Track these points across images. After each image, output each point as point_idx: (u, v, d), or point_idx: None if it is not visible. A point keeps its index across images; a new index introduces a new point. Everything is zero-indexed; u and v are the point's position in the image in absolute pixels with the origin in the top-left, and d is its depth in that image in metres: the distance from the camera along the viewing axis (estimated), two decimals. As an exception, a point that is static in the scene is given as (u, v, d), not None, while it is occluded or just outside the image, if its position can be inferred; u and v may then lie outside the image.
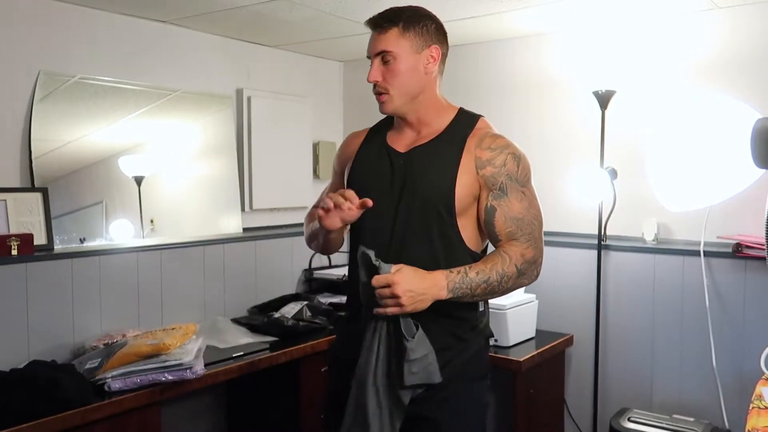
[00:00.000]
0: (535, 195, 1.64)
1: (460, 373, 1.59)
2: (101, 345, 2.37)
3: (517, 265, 1.56)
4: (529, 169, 1.64)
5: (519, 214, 1.58)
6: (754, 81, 2.53)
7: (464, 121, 1.67)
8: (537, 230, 1.60)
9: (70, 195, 2.53)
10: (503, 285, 1.55)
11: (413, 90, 1.61)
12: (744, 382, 2.52)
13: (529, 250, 1.58)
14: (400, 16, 1.60)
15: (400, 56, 1.58)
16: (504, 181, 1.59)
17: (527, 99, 3.11)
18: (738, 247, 2.50)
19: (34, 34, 2.39)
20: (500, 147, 1.61)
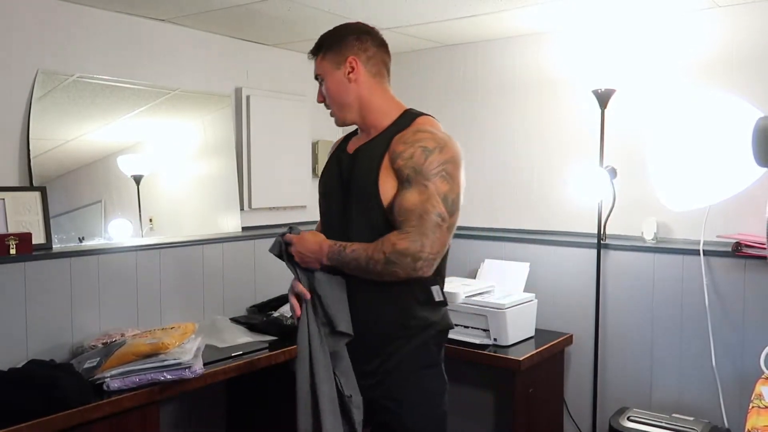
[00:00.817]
0: (443, 192, 1.64)
1: (406, 362, 1.71)
2: (100, 344, 2.37)
3: (385, 252, 1.62)
4: (442, 164, 1.64)
5: (412, 206, 1.63)
6: (754, 79, 2.53)
7: (403, 121, 1.76)
8: (428, 224, 1.62)
9: (69, 194, 2.52)
10: (371, 267, 1.64)
11: (347, 100, 1.78)
12: (744, 381, 2.52)
13: (403, 242, 1.61)
14: (323, 42, 1.82)
15: (325, 77, 1.80)
16: (409, 173, 1.65)
17: (527, 98, 3.10)
18: (738, 246, 2.50)
19: (32, 33, 2.39)
20: (414, 141, 1.67)
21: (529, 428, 2.69)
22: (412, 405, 1.72)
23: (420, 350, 1.73)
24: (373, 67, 1.79)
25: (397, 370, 1.72)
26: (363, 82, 1.77)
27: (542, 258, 3.05)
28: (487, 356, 2.66)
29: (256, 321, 2.86)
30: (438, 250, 1.64)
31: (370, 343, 1.72)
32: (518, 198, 3.15)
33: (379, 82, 1.80)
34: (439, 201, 1.63)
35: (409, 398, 1.72)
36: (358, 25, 1.84)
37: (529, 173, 3.12)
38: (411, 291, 1.71)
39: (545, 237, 3.05)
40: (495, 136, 3.21)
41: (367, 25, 1.85)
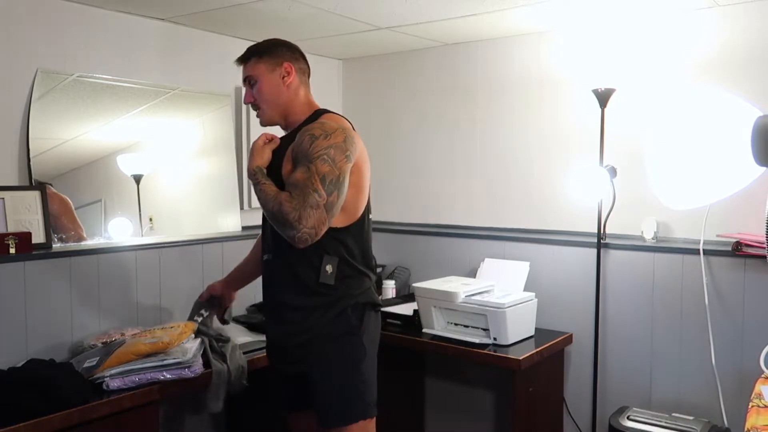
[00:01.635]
0: (323, 173, 1.82)
1: (323, 332, 1.94)
2: (99, 344, 2.37)
3: (276, 202, 1.82)
4: (326, 148, 1.84)
5: (296, 181, 1.83)
6: (754, 79, 2.52)
7: (312, 117, 2.01)
8: (307, 199, 1.79)
9: (69, 193, 2.52)
10: (268, 207, 1.84)
11: (278, 101, 2.01)
12: (743, 380, 2.52)
13: (288, 204, 1.79)
14: (255, 49, 2.03)
15: (260, 78, 2.00)
16: (297, 155, 1.87)
17: (527, 97, 3.10)
18: (738, 245, 2.50)
19: (31, 32, 2.39)
20: (305, 130, 1.90)
21: (528, 427, 2.69)
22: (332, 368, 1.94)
23: (335, 319, 1.94)
24: (302, 75, 2.05)
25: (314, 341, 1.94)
26: (293, 87, 2.01)
27: (542, 257, 3.05)
28: (487, 355, 2.66)
29: (256, 320, 2.86)
30: (313, 225, 1.80)
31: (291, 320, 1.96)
32: (518, 197, 3.15)
33: (304, 88, 2.06)
34: (317, 180, 1.81)
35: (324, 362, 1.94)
36: (284, 41, 2.09)
37: (529, 172, 3.12)
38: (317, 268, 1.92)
39: (545, 236, 3.05)
40: (495, 135, 3.21)
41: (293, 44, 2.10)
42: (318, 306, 1.94)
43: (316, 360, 1.95)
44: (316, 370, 1.95)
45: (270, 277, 2.04)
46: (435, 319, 2.87)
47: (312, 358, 1.95)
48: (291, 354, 1.99)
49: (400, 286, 3.44)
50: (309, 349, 1.95)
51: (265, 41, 2.08)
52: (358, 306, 1.98)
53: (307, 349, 1.95)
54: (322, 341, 1.94)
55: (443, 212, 3.40)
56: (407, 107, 3.51)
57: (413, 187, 3.51)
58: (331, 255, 1.93)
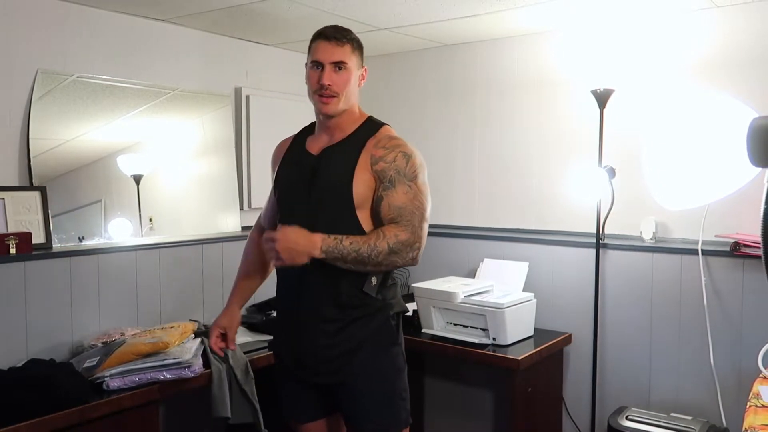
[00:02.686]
0: (423, 191, 1.82)
1: (367, 342, 1.84)
2: (100, 343, 2.37)
3: (389, 243, 1.74)
4: (418, 167, 1.82)
5: (402, 204, 1.78)
6: (751, 80, 2.53)
7: (369, 127, 1.90)
8: (417, 219, 1.78)
9: (69, 194, 2.52)
10: (373, 258, 1.74)
11: (352, 98, 1.89)
12: (741, 380, 2.53)
13: (404, 233, 1.76)
14: (351, 35, 1.88)
15: (351, 68, 1.86)
16: (393, 174, 1.80)
17: (526, 98, 3.11)
18: (736, 245, 2.50)
19: (32, 33, 2.39)
20: (393, 146, 1.83)
21: (527, 427, 2.70)
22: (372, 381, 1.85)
23: (379, 330, 1.86)
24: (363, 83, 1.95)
25: (359, 351, 1.83)
26: (358, 91, 1.92)
27: (541, 257, 3.06)
28: (486, 356, 2.67)
29: (256, 320, 2.87)
30: (424, 241, 1.80)
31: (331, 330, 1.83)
32: (517, 197, 3.16)
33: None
34: (423, 200, 1.81)
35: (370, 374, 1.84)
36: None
37: (528, 173, 3.12)
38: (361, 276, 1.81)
39: (544, 236, 3.06)
40: (494, 135, 3.22)
41: None
42: (360, 317, 1.83)
43: (363, 371, 1.84)
44: (363, 381, 1.85)
45: (300, 289, 1.87)
46: (434, 319, 2.87)
47: (358, 369, 1.83)
48: (330, 364, 1.84)
49: (400, 286, 3.43)
50: (354, 360, 1.83)
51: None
52: (396, 316, 1.92)
53: (352, 359, 1.83)
54: (369, 352, 1.84)
55: (443, 212, 3.40)
56: (407, 108, 3.51)
57: (413, 187, 3.51)
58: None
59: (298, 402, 1.98)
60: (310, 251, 1.73)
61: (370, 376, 1.85)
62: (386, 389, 1.87)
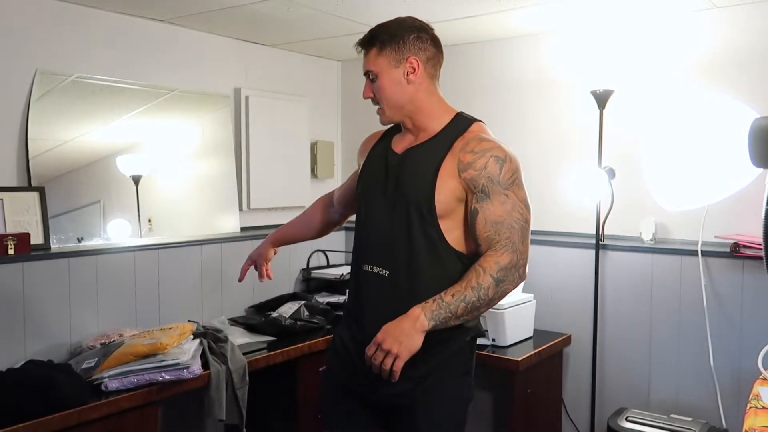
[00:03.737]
0: (523, 198, 1.67)
1: (440, 368, 1.66)
2: (98, 345, 2.37)
3: (492, 275, 1.59)
4: (514, 172, 1.66)
5: (499, 218, 1.61)
6: (751, 80, 2.53)
7: (458, 125, 1.72)
8: (517, 234, 1.62)
9: (68, 194, 2.52)
10: (484, 298, 1.58)
11: (400, 100, 1.70)
12: (741, 381, 2.52)
13: (504, 257, 1.60)
14: (377, 36, 1.71)
15: (381, 73, 1.69)
16: (485, 183, 1.62)
17: (525, 98, 3.10)
18: (736, 246, 2.50)
19: (31, 33, 2.39)
20: (483, 150, 1.64)
21: (527, 428, 2.69)
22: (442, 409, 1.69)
23: (454, 356, 1.69)
24: (431, 68, 1.72)
25: (430, 376, 1.65)
26: (420, 83, 1.70)
27: (541, 258, 3.05)
28: (486, 356, 2.66)
29: (255, 321, 2.86)
30: (528, 254, 1.66)
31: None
32: (517, 198, 3.15)
33: (434, 84, 1.74)
34: (523, 207, 1.65)
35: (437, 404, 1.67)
36: (414, 21, 1.75)
37: (528, 173, 3.04)
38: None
39: (544, 237, 3.05)
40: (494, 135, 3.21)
41: (423, 22, 1.75)
42: (437, 339, 1.60)
43: (428, 398, 1.66)
44: (425, 409, 1.66)
45: (379, 296, 1.68)
46: (434, 320, 2.87)
47: (422, 395, 1.65)
48: (394, 387, 1.61)
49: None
50: (420, 385, 1.65)
51: (390, 24, 1.74)
52: (471, 340, 1.74)
53: (418, 384, 1.64)
54: (437, 379, 1.66)
55: (442, 213, 3.40)
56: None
57: (412, 188, 3.51)
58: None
59: (348, 414, 1.79)
60: (420, 328, 1.54)
61: (434, 405, 1.67)
62: (448, 422, 1.70)
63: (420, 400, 1.66)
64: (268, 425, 2.81)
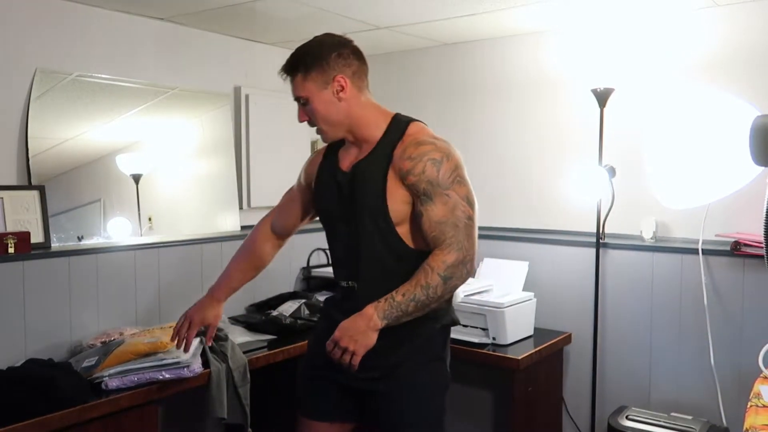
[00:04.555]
0: (464, 195, 1.71)
1: (412, 356, 1.77)
2: (98, 343, 2.37)
3: (440, 273, 1.67)
4: (453, 170, 1.71)
5: (443, 218, 1.68)
6: (753, 78, 2.53)
7: (395, 130, 1.77)
8: (462, 232, 1.69)
9: (68, 193, 2.52)
10: (433, 295, 1.67)
11: (337, 118, 1.76)
12: (742, 380, 2.52)
13: (450, 255, 1.68)
14: (301, 61, 1.77)
15: (312, 97, 1.75)
16: (426, 187, 1.69)
17: (526, 97, 3.10)
18: (736, 245, 2.50)
19: (30, 32, 2.38)
20: (420, 155, 1.70)
21: (527, 427, 2.69)
22: (417, 392, 1.78)
23: (424, 344, 1.79)
24: (358, 81, 1.78)
25: (402, 364, 1.77)
26: (351, 98, 1.76)
27: (541, 257, 3.05)
28: (486, 355, 2.66)
29: (255, 320, 2.86)
30: (476, 248, 1.72)
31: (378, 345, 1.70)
32: (517, 197, 3.15)
33: (365, 94, 1.80)
34: (465, 204, 1.71)
35: (409, 390, 1.77)
36: (333, 38, 1.80)
37: (528, 172, 3.12)
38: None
39: (544, 236, 3.05)
40: (494, 135, 3.21)
41: (342, 37, 1.81)
42: (409, 329, 1.73)
43: (401, 383, 1.77)
44: (399, 394, 1.77)
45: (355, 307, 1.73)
46: (434, 319, 2.86)
47: (396, 381, 1.77)
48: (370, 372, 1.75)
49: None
50: (393, 371, 1.76)
51: (310, 47, 1.79)
52: (444, 328, 1.85)
53: (392, 370, 1.76)
54: (410, 366, 1.77)
55: (442, 212, 3.40)
56: (406, 107, 3.45)
57: (412, 186, 3.51)
58: None
59: (325, 400, 1.89)
60: (374, 326, 1.66)
61: (408, 390, 1.77)
62: (423, 406, 1.78)
63: (393, 386, 1.77)
64: (269, 424, 2.81)
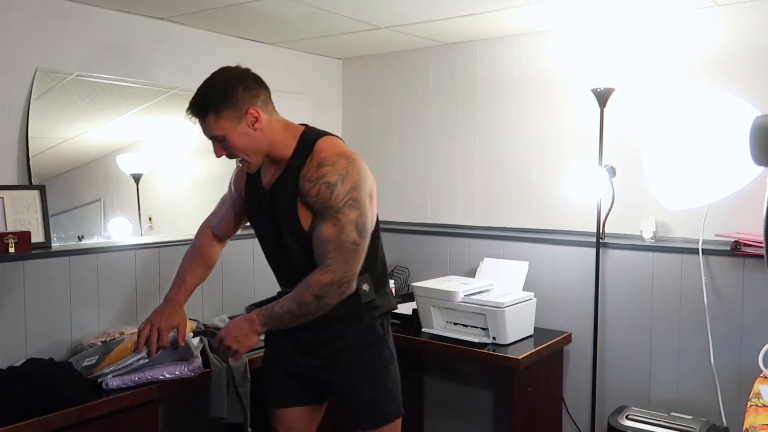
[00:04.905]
0: (354, 219, 1.79)
1: (353, 343, 1.96)
2: (99, 342, 2.37)
3: (313, 293, 1.79)
4: (347, 194, 1.78)
5: (328, 237, 1.79)
6: (753, 78, 2.53)
7: (303, 149, 1.88)
8: (343, 254, 1.78)
9: (68, 193, 2.52)
10: (306, 310, 1.82)
11: (257, 147, 1.86)
12: (742, 379, 2.52)
13: (326, 276, 1.78)
14: (209, 103, 1.80)
15: (228, 134, 1.82)
16: (320, 207, 1.80)
17: (526, 97, 3.10)
18: (736, 245, 2.50)
19: (31, 32, 2.38)
20: (317, 178, 1.79)
21: (527, 427, 2.69)
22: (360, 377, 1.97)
23: (365, 331, 1.97)
24: (267, 106, 1.87)
25: (346, 352, 1.96)
26: (265, 125, 1.84)
27: (541, 257, 3.05)
28: (486, 355, 2.66)
29: (255, 319, 2.86)
30: (356, 270, 1.82)
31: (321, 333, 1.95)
32: (517, 197, 3.16)
33: (274, 116, 1.90)
34: (352, 229, 1.78)
35: (357, 371, 1.97)
36: (234, 72, 1.87)
37: (528, 172, 3.12)
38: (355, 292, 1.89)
39: (544, 236, 3.05)
40: (494, 134, 3.21)
41: (240, 68, 1.89)
42: (348, 321, 1.95)
43: (350, 368, 1.98)
44: (350, 377, 1.98)
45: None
46: (434, 319, 2.87)
47: (345, 366, 1.98)
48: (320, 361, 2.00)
49: (400, 285, 3.44)
50: (341, 358, 1.97)
51: (214, 85, 1.84)
52: (382, 316, 2.01)
53: (340, 358, 1.97)
54: (355, 350, 1.97)
55: (442, 212, 3.40)
56: (406, 106, 3.51)
57: (412, 186, 3.51)
58: (362, 274, 1.89)
59: (283, 388, 2.09)
60: (254, 330, 1.87)
61: (357, 373, 1.97)
62: (373, 383, 1.98)
63: (343, 370, 1.97)
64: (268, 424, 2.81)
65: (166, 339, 2.01)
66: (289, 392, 2.09)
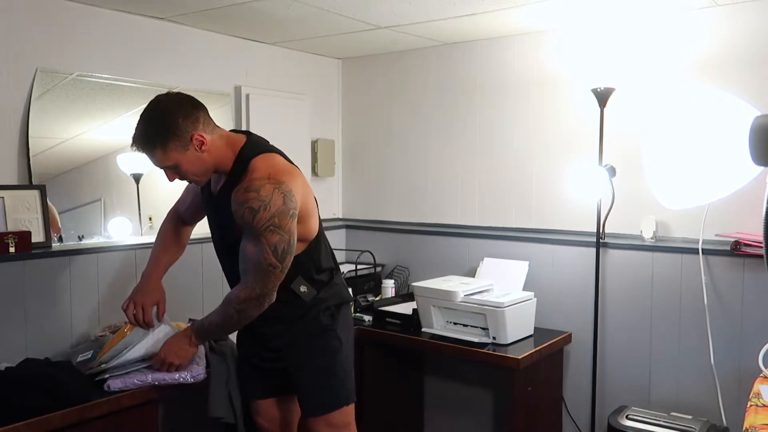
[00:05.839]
0: (273, 243, 1.86)
1: (300, 335, 2.10)
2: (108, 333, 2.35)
3: (234, 307, 1.95)
4: (269, 220, 1.85)
5: (249, 255, 1.89)
6: (752, 78, 2.53)
7: (239, 168, 1.95)
8: (261, 273, 1.89)
9: (68, 192, 2.52)
10: (230, 322, 2.00)
11: (207, 167, 1.96)
12: (742, 379, 2.52)
13: (243, 292, 1.92)
14: (154, 138, 1.88)
15: (178, 163, 1.91)
16: (245, 228, 1.89)
17: (526, 96, 3.10)
18: (736, 245, 2.50)
19: (31, 31, 2.39)
20: (243, 201, 1.86)
21: (527, 427, 2.70)
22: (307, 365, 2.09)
23: (311, 322, 2.09)
24: (208, 126, 1.94)
25: (294, 342, 2.10)
26: (210, 146, 1.93)
27: (541, 256, 3.05)
28: (486, 355, 2.67)
29: (256, 319, 2.86)
30: (273, 287, 1.93)
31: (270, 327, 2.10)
32: (517, 196, 3.16)
33: (216, 132, 1.96)
34: (270, 254, 1.87)
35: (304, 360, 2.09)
36: (172, 101, 1.92)
37: (529, 172, 3.12)
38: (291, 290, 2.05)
39: (544, 235, 3.05)
40: (494, 134, 3.21)
41: (175, 94, 1.96)
42: (293, 317, 2.09)
43: (298, 358, 2.11)
44: (299, 367, 2.11)
45: None
46: (434, 319, 2.87)
47: (294, 357, 2.11)
48: (273, 354, 2.15)
49: (400, 285, 3.44)
50: (290, 349, 2.11)
51: (153, 119, 1.90)
52: (330, 308, 2.13)
53: (289, 349, 2.11)
54: (300, 342, 2.10)
55: (442, 212, 3.40)
56: (406, 106, 3.51)
57: (412, 186, 3.51)
58: (298, 278, 2.05)
59: (253, 381, 2.24)
60: (190, 344, 2.11)
61: (304, 362, 2.10)
62: (319, 371, 2.09)
63: (294, 360, 2.10)
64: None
65: (150, 315, 2.18)
66: (261, 385, 2.23)
